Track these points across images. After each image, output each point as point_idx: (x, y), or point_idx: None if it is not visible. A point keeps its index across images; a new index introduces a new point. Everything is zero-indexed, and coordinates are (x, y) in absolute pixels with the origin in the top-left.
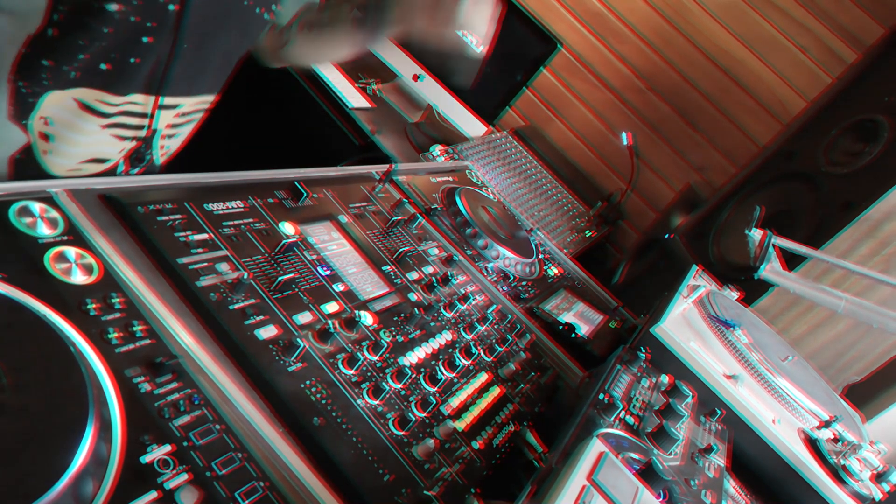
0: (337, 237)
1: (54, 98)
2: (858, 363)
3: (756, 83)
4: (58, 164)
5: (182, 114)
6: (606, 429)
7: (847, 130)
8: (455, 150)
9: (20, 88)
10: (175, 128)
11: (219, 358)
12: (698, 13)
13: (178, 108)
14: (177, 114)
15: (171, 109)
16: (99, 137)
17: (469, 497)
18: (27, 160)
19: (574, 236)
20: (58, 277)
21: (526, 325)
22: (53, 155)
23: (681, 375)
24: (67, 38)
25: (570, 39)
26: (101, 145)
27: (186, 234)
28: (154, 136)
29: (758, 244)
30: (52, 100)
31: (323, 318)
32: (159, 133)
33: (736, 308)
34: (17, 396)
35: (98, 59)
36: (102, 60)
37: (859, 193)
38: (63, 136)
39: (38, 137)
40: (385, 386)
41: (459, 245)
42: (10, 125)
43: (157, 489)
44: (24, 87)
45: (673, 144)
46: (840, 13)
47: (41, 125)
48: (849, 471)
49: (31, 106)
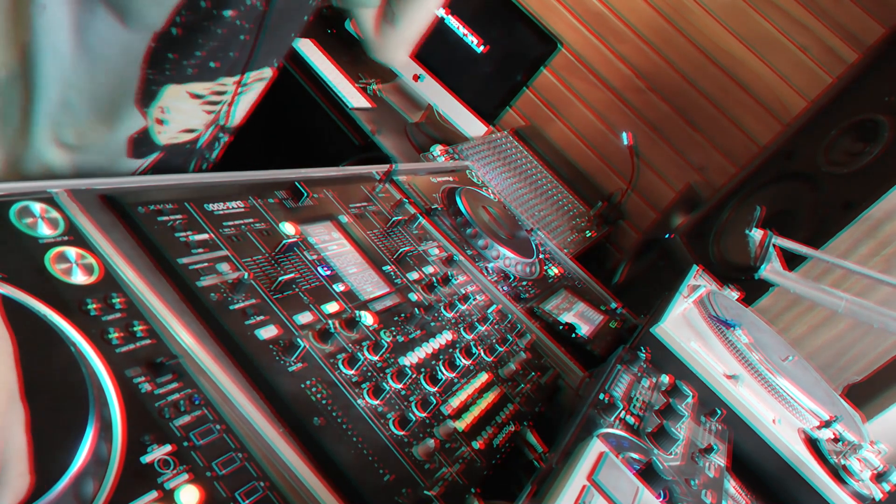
0: (337, 237)
1: (172, 91)
2: (858, 363)
3: (756, 83)
4: (164, 137)
5: (241, 83)
6: (607, 429)
7: (847, 130)
8: (455, 150)
9: (148, 75)
10: (238, 96)
11: (219, 358)
12: (698, 13)
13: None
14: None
15: None
16: (196, 112)
17: (469, 497)
18: (143, 139)
19: (574, 236)
20: (58, 277)
21: (526, 325)
22: (163, 133)
23: (681, 375)
24: (189, 37)
25: (570, 39)
26: (195, 118)
27: (187, 234)
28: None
29: (758, 244)
30: (170, 92)
31: (323, 318)
32: None
33: (736, 308)
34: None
35: (210, 57)
36: (212, 59)
37: (859, 193)
38: (174, 118)
39: (155, 122)
40: (385, 386)
41: (460, 245)
42: (135, 110)
43: (157, 489)
44: (151, 75)
45: (673, 144)
46: (840, 13)
47: (158, 113)
48: (849, 471)
49: (154, 94)
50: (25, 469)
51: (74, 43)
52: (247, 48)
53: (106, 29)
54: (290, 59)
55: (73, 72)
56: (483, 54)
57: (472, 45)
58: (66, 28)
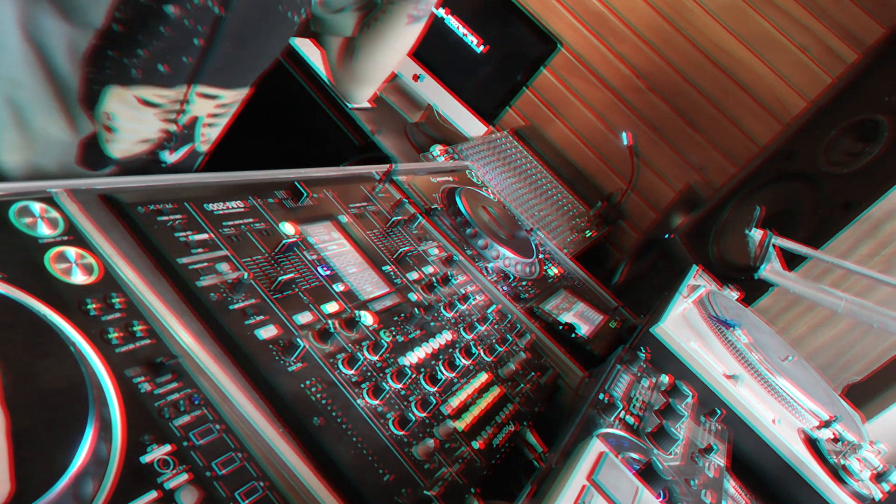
0: (337, 237)
1: (117, 94)
2: (858, 363)
3: (756, 83)
4: (118, 149)
5: (222, 105)
6: (606, 429)
7: (847, 130)
8: (455, 150)
9: (88, 74)
10: (215, 117)
11: (219, 358)
12: (698, 13)
13: (218, 99)
14: (217, 104)
15: (212, 100)
16: (152, 122)
17: (469, 497)
18: (92, 146)
19: (574, 236)
20: (58, 277)
21: (526, 325)
22: (115, 143)
23: (681, 375)
24: (130, 34)
25: (570, 39)
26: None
27: (186, 234)
28: (196, 122)
29: (758, 244)
30: (115, 96)
31: (323, 318)
32: (201, 120)
33: (736, 308)
34: (18, 396)
35: (157, 59)
36: (161, 61)
37: (859, 193)
38: (124, 127)
39: (103, 129)
40: (385, 386)
41: (459, 245)
42: (81, 112)
43: (157, 489)
44: (91, 74)
45: (673, 144)
46: (840, 13)
47: (105, 119)
48: (849, 471)
49: (97, 95)
50: (6, 476)
51: (21, 38)
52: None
53: (51, 25)
54: (290, 59)
55: (19, 69)
56: (483, 54)
57: (472, 45)
58: (13, 23)
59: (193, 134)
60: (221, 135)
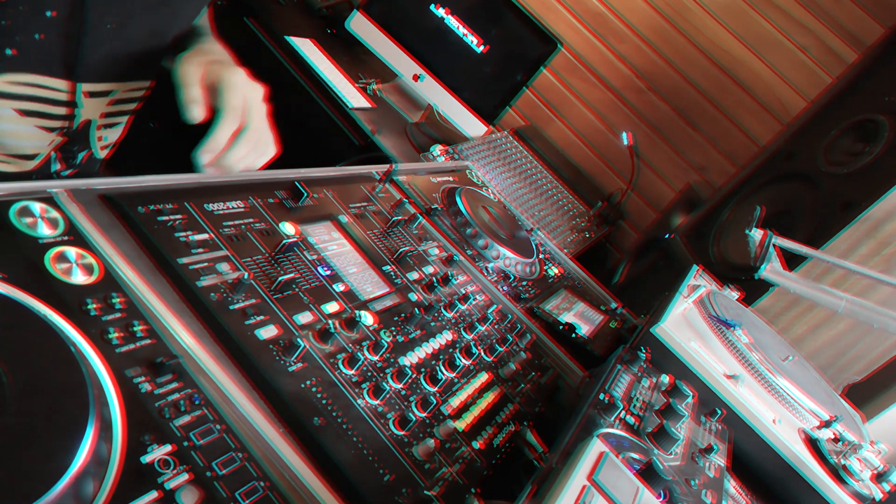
0: (337, 237)
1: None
2: (858, 363)
3: (756, 83)
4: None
5: (116, 101)
6: (607, 429)
7: (847, 130)
8: (455, 150)
9: None
10: (111, 116)
11: (219, 358)
12: (698, 13)
13: (111, 95)
14: (110, 101)
15: (104, 97)
16: (21, 128)
17: (469, 497)
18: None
19: (574, 236)
20: (58, 277)
21: (526, 325)
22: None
23: (681, 375)
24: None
25: (570, 39)
26: (27, 138)
27: (187, 234)
28: (89, 126)
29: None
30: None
31: (323, 318)
32: (95, 123)
33: (736, 308)
34: (18, 396)
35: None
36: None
37: (859, 193)
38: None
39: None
40: (385, 386)
41: (460, 245)
42: None
43: (157, 489)
44: None
45: (673, 144)
46: (840, 13)
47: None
48: (849, 471)
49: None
50: None
51: None
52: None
53: None
54: (289, 59)
55: None
56: (483, 54)
57: (472, 45)
58: None
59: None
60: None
